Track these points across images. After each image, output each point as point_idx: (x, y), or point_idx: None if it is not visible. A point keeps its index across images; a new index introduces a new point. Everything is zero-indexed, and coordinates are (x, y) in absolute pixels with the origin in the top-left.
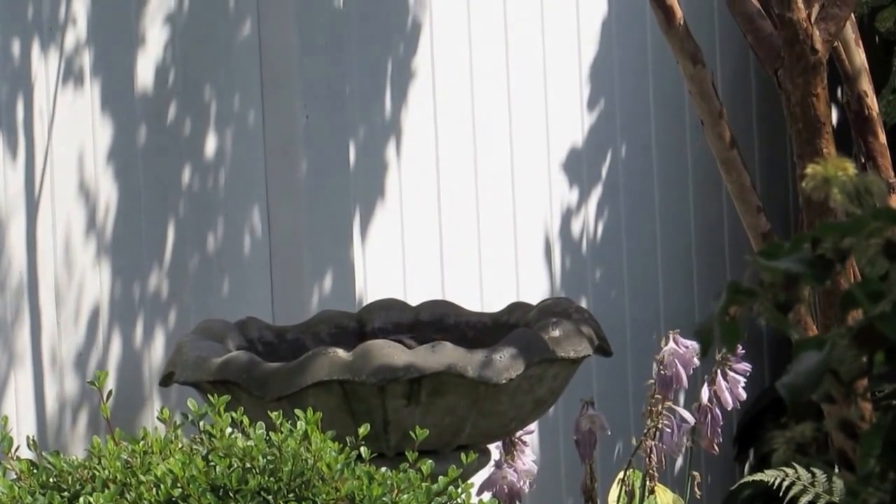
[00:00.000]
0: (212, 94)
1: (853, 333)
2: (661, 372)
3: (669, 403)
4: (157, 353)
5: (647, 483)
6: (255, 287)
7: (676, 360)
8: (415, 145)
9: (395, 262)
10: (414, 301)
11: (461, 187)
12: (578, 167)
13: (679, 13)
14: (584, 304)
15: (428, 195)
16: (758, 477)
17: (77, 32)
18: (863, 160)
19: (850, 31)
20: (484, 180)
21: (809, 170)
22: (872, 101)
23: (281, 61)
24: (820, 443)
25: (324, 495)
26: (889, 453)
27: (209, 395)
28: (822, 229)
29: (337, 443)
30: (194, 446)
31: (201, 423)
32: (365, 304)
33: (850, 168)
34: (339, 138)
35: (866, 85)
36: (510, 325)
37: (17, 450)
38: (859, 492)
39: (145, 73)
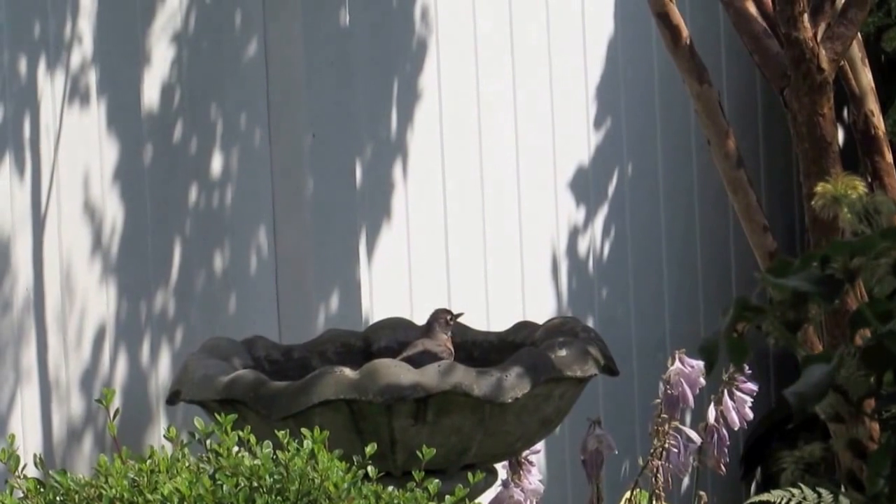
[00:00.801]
0: (218, 113)
1: (862, 353)
2: (668, 391)
3: (676, 423)
4: (163, 372)
5: (654, 503)
6: (262, 306)
7: (683, 380)
8: (421, 165)
9: (401, 281)
10: (420, 320)
11: (467, 206)
12: (585, 186)
13: (685, 33)
14: (590, 323)
15: (434, 214)
16: (764, 497)
17: (83, 50)
18: (869, 179)
19: (857, 51)
20: (490, 200)
21: (819, 188)
22: (879, 121)
23: (287, 80)
24: (827, 463)
25: None
26: None
27: (216, 414)
28: (831, 248)
29: (344, 462)
30: (201, 465)
31: (208, 442)
32: (371, 322)
33: (860, 187)
34: (346, 157)
35: (873, 104)
36: (516, 345)
37: (23, 468)
38: None
39: (151, 91)
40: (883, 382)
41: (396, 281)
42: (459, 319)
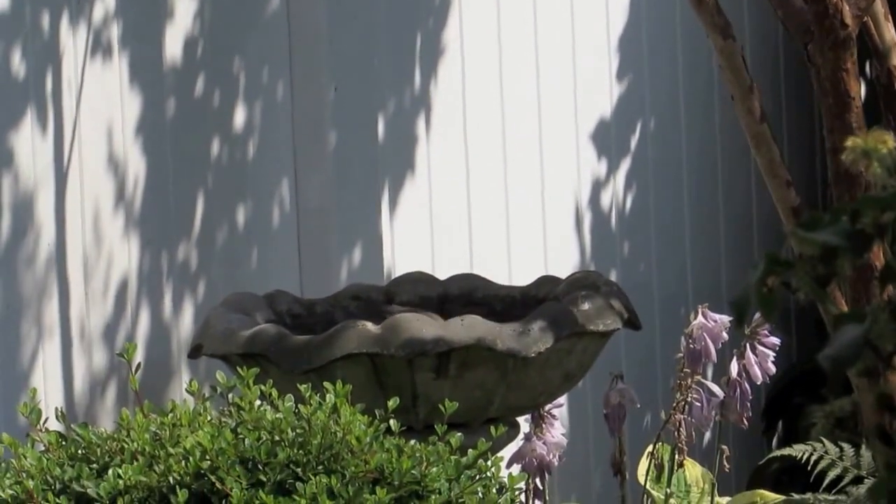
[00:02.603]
0: (240, 67)
1: (893, 307)
2: (690, 346)
3: (698, 377)
4: (185, 326)
5: (677, 457)
6: (284, 260)
7: (705, 334)
8: (443, 119)
9: (423, 235)
10: (442, 274)
11: (489, 160)
12: (607, 139)
13: None
14: (612, 277)
15: (456, 169)
16: (786, 451)
17: (106, 4)
18: (892, 134)
19: (881, 6)
20: (512, 153)
21: (849, 143)
22: None
23: (310, 34)
24: (856, 417)
25: (353, 468)
26: None
27: (238, 368)
28: (861, 203)
29: (366, 416)
30: (223, 419)
31: (230, 396)
32: (393, 277)
33: (891, 141)
34: (368, 111)
35: None
36: (539, 299)
37: (45, 422)
38: None
39: (174, 45)
40: None
41: (418, 235)
42: (480, 273)
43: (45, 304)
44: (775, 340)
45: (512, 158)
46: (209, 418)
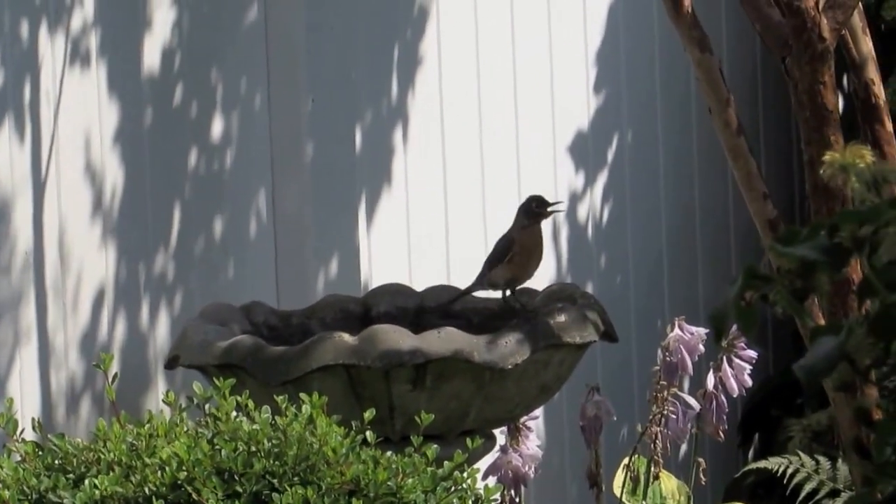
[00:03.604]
0: (218, 77)
1: (871, 322)
2: (667, 358)
3: (675, 390)
4: (161, 336)
5: (653, 469)
6: (261, 270)
7: (682, 347)
8: (421, 130)
9: (400, 246)
10: (419, 286)
11: (467, 172)
12: (584, 152)
13: (687, 0)
14: (589, 289)
15: (434, 180)
16: (762, 464)
17: (84, 14)
18: (869, 148)
19: (858, 20)
20: (490, 164)
21: (827, 157)
22: (879, 90)
23: (288, 45)
24: (834, 431)
25: (329, 479)
26: None
27: (214, 379)
28: (839, 217)
29: (342, 427)
30: (199, 430)
31: (206, 407)
32: (370, 288)
33: (868, 156)
34: (346, 122)
35: (873, 73)
36: (516, 311)
37: (22, 432)
38: (877, 480)
39: (152, 55)
40: (891, 352)
41: (395, 246)
42: (458, 285)
43: (22, 312)
44: (752, 353)
45: (489, 170)
46: (185, 429)
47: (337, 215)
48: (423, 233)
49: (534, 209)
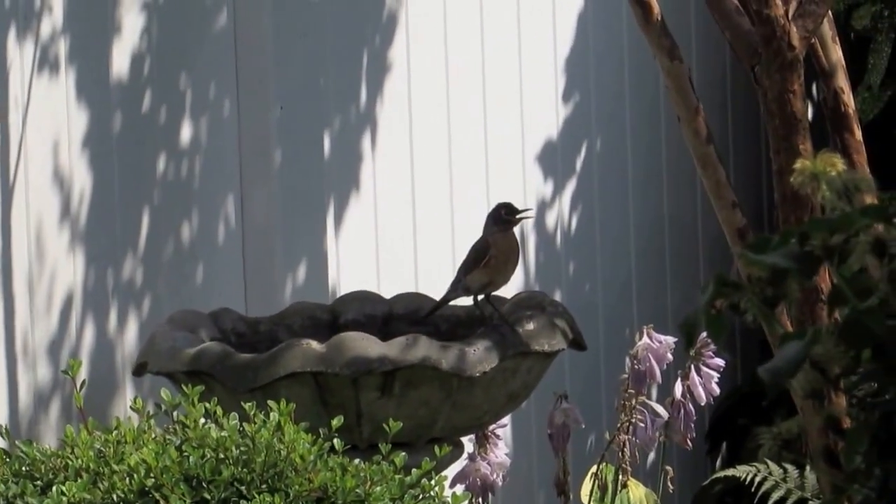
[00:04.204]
0: (187, 84)
1: (840, 329)
2: (635, 366)
3: (643, 398)
4: (130, 342)
5: (620, 477)
6: (229, 276)
7: (650, 355)
8: (389, 137)
9: (368, 253)
10: (387, 292)
11: (435, 179)
12: (553, 160)
13: (657, 8)
14: (558, 297)
15: (402, 187)
16: (730, 472)
17: (53, 20)
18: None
19: (828, 28)
20: (458, 172)
21: (798, 165)
22: (848, 98)
23: (256, 51)
24: (803, 439)
25: (297, 486)
26: (878, 451)
27: (183, 386)
28: (810, 225)
29: (310, 434)
30: (168, 436)
31: (175, 414)
32: (338, 295)
33: (839, 164)
34: (314, 129)
35: (843, 81)
36: (484, 319)
37: None
38: (846, 488)
39: (121, 61)
40: (861, 360)
41: (363, 253)
42: (426, 292)
43: None
44: (720, 362)
45: (458, 177)
46: (154, 436)
47: (305, 221)
48: (391, 239)
49: (503, 216)
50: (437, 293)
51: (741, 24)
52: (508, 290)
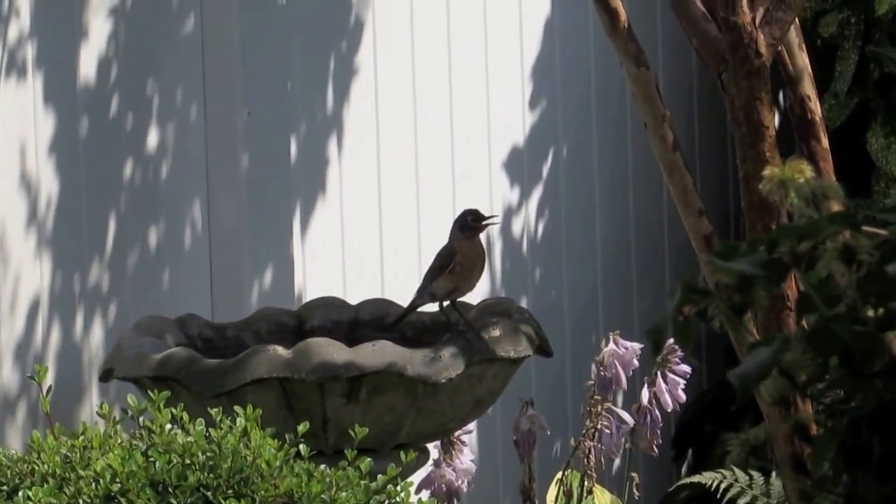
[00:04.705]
0: (154, 88)
1: (808, 336)
2: (601, 373)
3: (609, 404)
4: (96, 347)
5: (586, 483)
6: (195, 282)
7: (616, 362)
8: (356, 142)
9: (335, 258)
10: (353, 297)
11: (402, 184)
12: (520, 167)
13: (624, 16)
14: (524, 303)
15: (369, 192)
16: (696, 479)
17: (20, 25)
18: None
19: (794, 35)
20: (425, 178)
21: (766, 172)
22: (815, 105)
23: (223, 57)
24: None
25: (263, 492)
26: (845, 458)
27: (149, 391)
28: (778, 232)
29: (276, 440)
30: (134, 442)
31: (141, 419)
32: (304, 301)
33: (807, 171)
34: (281, 134)
35: (809, 89)
36: (450, 325)
37: None
38: (813, 495)
39: (88, 66)
40: (829, 366)
41: (330, 258)
42: (392, 298)
43: None
44: (686, 368)
45: (424, 182)
46: (120, 441)
47: (271, 227)
48: (357, 245)
49: (470, 223)
50: (403, 299)
51: (708, 31)
52: (474, 297)
